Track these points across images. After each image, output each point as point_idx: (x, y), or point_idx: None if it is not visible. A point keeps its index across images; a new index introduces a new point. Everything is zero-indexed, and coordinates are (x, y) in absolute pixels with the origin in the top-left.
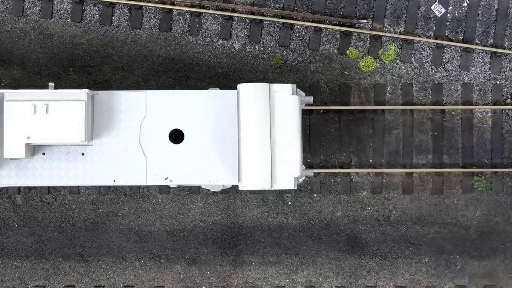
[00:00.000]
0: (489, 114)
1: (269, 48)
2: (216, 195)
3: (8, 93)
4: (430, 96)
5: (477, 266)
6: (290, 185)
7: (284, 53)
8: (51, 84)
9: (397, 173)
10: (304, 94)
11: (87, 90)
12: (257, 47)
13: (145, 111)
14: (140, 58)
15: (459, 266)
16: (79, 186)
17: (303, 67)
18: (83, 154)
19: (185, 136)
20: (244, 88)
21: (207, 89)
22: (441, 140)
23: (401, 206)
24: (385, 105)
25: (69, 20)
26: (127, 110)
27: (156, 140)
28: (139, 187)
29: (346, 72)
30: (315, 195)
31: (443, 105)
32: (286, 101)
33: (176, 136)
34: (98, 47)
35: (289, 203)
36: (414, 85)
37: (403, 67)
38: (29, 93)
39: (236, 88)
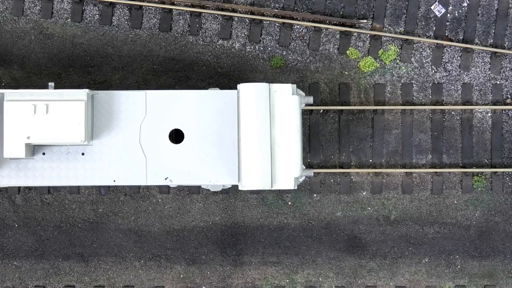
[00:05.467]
0: (489, 114)
1: (269, 48)
2: (216, 195)
3: (8, 93)
4: (430, 96)
5: (477, 266)
6: (290, 185)
7: (284, 53)
8: (51, 84)
9: (397, 173)
10: (304, 94)
11: (87, 90)
12: (257, 47)
13: (145, 111)
14: (140, 58)
15: (459, 266)
16: (79, 186)
17: (303, 67)
18: (83, 154)
19: (185, 136)
20: (244, 88)
21: (207, 89)
22: (441, 140)
23: (401, 206)
24: (385, 105)
25: (69, 20)
26: (127, 110)
27: (156, 140)
28: (139, 187)
29: (346, 72)
30: (315, 195)
31: (443, 105)
32: (286, 101)
33: (176, 136)
34: (98, 47)
35: (289, 203)
36: (414, 85)
37: (403, 67)
38: (29, 93)
39: (236, 88)
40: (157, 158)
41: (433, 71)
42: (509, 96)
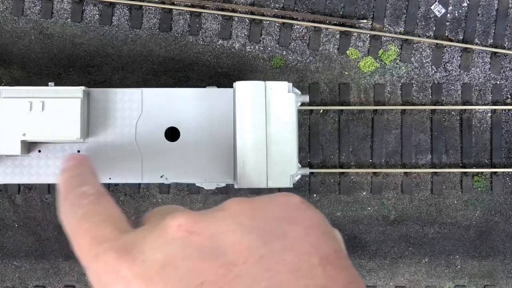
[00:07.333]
0: (489, 114)
1: (269, 48)
2: (216, 195)
3: (4, 90)
4: (430, 96)
5: (477, 266)
6: (285, 183)
7: (284, 53)
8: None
9: (396, 173)
10: (300, 93)
11: (82, 87)
12: (257, 47)
13: (141, 108)
14: (140, 58)
15: (459, 266)
16: None
17: (303, 67)
18: (78, 151)
19: (180, 134)
20: (240, 85)
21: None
22: (440, 140)
23: (401, 206)
24: (385, 105)
25: (69, 20)
26: (123, 107)
27: (151, 137)
28: (139, 186)
29: (346, 72)
30: (314, 195)
31: (443, 105)
32: (281, 99)
33: (172, 134)
34: (98, 47)
35: None
36: (414, 85)
37: (403, 67)
38: (25, 90)
39: None
40: (152, 156)
41: (433, 71)
42: (509, 96)
